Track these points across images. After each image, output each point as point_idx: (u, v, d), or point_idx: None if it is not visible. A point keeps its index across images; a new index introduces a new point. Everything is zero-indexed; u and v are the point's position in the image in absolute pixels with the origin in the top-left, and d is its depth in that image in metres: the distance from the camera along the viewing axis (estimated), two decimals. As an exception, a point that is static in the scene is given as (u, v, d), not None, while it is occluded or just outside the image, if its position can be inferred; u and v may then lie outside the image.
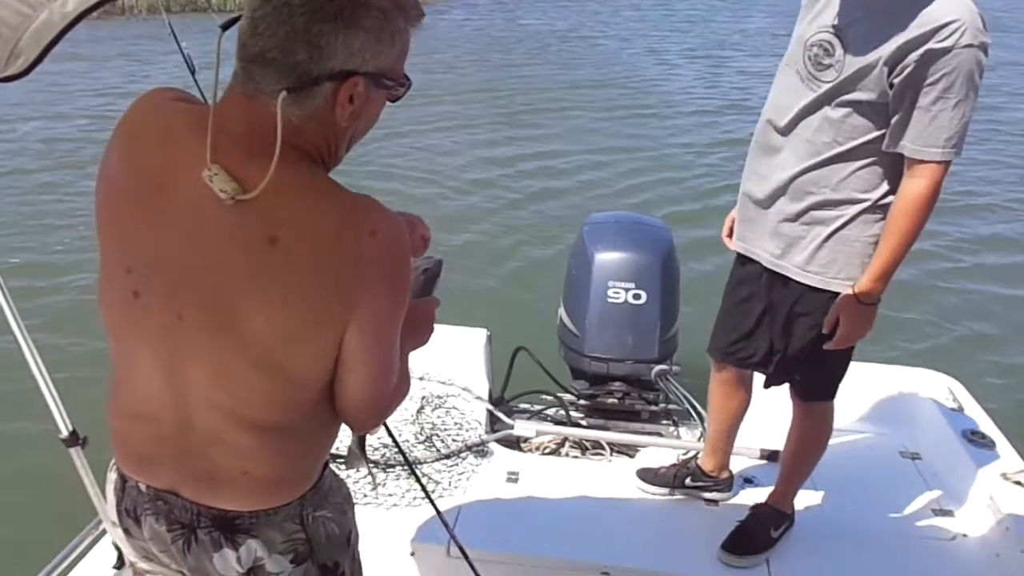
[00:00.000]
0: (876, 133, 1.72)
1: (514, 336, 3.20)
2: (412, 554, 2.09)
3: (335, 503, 1.19)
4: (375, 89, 1.02)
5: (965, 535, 2.22)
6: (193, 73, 1.76)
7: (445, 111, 9.54)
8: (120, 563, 1.86)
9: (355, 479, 2.34)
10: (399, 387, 1.16)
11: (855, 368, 2.89)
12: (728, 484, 2.33)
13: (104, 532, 1.89)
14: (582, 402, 2.98)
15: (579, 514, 2.25)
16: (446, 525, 1.77)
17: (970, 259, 6.09)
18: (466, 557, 1.72)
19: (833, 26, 1.73)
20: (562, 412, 2.94)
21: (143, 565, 1.22)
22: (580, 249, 3.02)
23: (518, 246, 6.08)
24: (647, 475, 2.36)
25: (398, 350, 1.11)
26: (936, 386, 2.85)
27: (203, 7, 13.28)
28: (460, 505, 2.23)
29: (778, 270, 1.91)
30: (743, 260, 2.03)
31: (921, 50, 1.61)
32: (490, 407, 2.77)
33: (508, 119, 9.56)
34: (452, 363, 2.86)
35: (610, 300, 2.87)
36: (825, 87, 1.74)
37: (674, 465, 2.35)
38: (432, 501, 1.73)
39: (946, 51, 1.59)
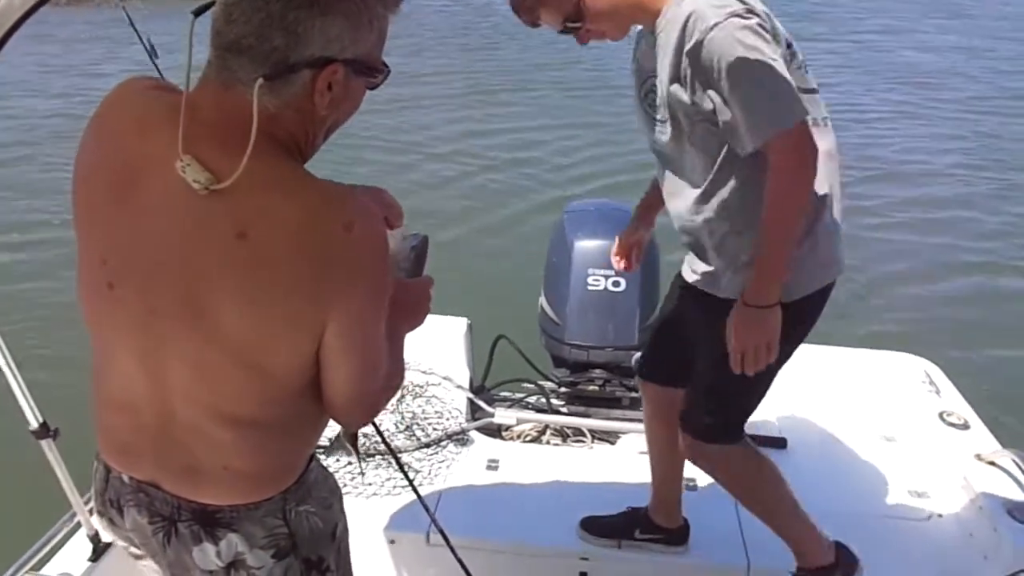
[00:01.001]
0: (727, 147, 1.62)
1: (495, 324, 3.20)
2: (392, 542, 2.09)
3: (319, 497, 1.17)
4: (354, 76, 1.01)
5: (940, 515, 2.25)
6: (154, 59, 1.73)
7: (421, 97, 9.49)
8: (96, 556, 1.84)
9: (335, 468, 2.33)
10: (390, 380, 1.14)
11: (832, 352, 2.92)
12: (683, 535, 2.11)
13: (79, 525, 1.87)
14: (563, 390, 2.98)
15: (560, 501, 2.26)
16: (428, 511, 1.77)
17: (949, 245, 6.16)
18: (448, 543, 1.72)
19: (650, 71, 1.67)
20: (543, 400, 2.95)
21: (133, 550, 1.22)
22: (560, 237, 3.02)
23: (498, 234, 6.08)
24: (591, 526, 2.13)
25: (383, 345, 1.09)
26: (912, 369, 2.88)
27: None
28: (440, 493, 2.23)
29: (705, 289, 1.80)
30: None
31: (684, 57, 1.53)
32: (471, 396, 2.77)
33: (486, 106, 9.54)
34: (433, 352, 2.85)
35: (590, 288, 2.88)
36: (665, 128, 1.66)
37: (621, 514, 2.15)
38: (415, 488, 1.73)
39: (700, 44, 1.49)
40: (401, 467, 1.77)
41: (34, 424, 1.70)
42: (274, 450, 1.10)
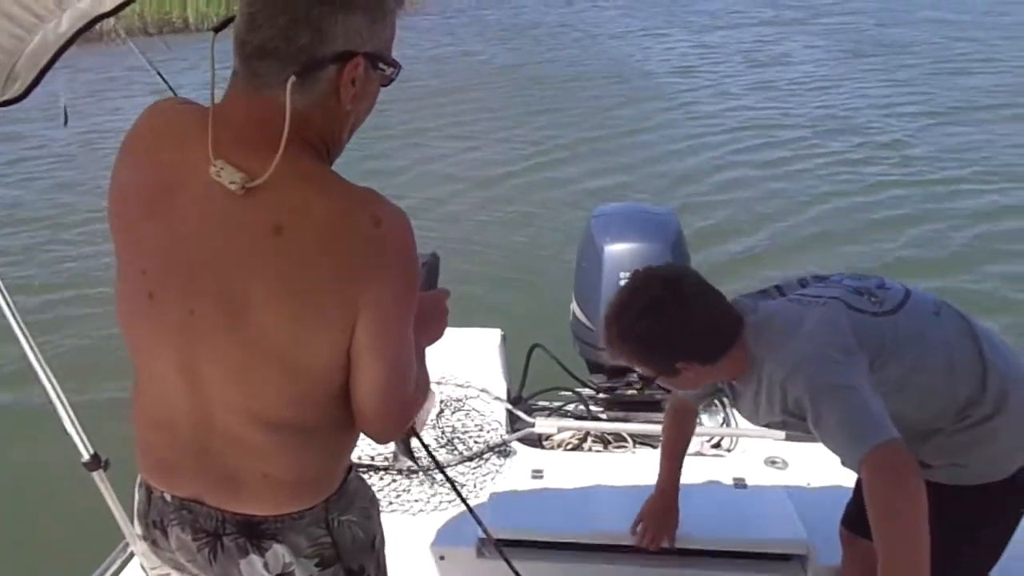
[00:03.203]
0: None
1: (528, 334, 3.19)
2: (441, 558, 2.07)
3: (360, 507, 1.19)
4: (373, 71, 1.04)
5: None
6: (171, 86, 1.76)
7: (439, 107, 9.57)
8: (150, 585, 1.85)
9: (379, 487, 2.33)
10: (419, 390, 1.15)
11: None
12: None
13: (132, 555, 1.89)
14: (601, 396, 2.96)
15: (608, 507, 2.22)
16: (480, 523, 1.75)
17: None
18: (503, 555, 1.70)
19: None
20: (582, 407, 2.93)
21: (175, 575, 1.22)
22: (589, 242, 3.01)
23: (525, 243, 6.09)
24: None
25: (413, 349, 1.10)
26: None
27: (180, 28, 13.42)
28: (487, 505, 2.21)
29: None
30: None
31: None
32: (509, 407, 2.75)
33: (505, 114, 9.59)
34: (468, 365, 2.85)
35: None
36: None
37: None
38: (465, 502, 1.71)
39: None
40: (450, 480, 1.76)
41: (85, 456, 1.72)
42: (313, 456, 1.11)
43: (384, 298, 1.03)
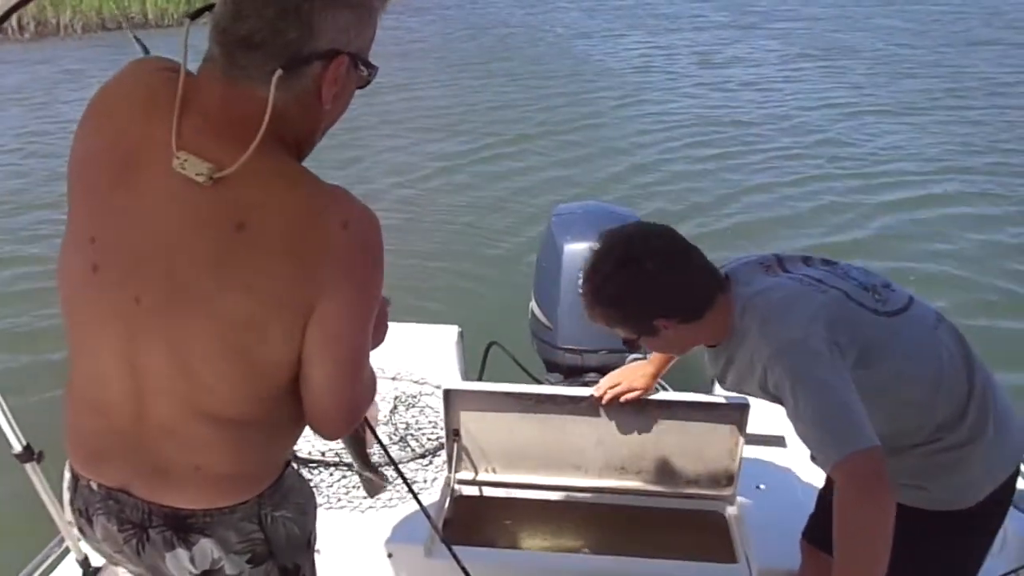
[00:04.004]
0: None
1: (486, 331, 3.17)
2: (390, 555, 2.04)
3: (296, 503, 1.16)
4: (354, 71, 1.03)
5: None
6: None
7: (405, 106, 9.50)
8: (86, 580, 1.79)
9: (328, 483, 2.29)
10: (370, 389, 1.14)
11: None
12: None
13: (68, 550, 1.82)
14: (557, 394, 2.95)
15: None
16: (431, 520, 1.72)
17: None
18: (452, 552, 1.68)
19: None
20: (538, 406, 2.91)
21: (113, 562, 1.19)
22: (549, 240, 3.00)
23: (486, 240, 6.06)
24: None
25: (368, 350, 1.09)
26: None
27: (139, 24, 13.20)
28: (437, 503, 2.19)
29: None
30: None
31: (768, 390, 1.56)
32: (465, 404, 2.72)
33: (466, 108, 9.56)
34: (424, 361, 2.81)
35: (581, 291, 2.85)
36: None
37: None
38: (417, 498, 1.68)
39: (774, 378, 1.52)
40: (403, 477, 1.73)
41: (17, 447, 1.66)
42: (251, 450, 1.08)
43: (345, 299, 1.00)
